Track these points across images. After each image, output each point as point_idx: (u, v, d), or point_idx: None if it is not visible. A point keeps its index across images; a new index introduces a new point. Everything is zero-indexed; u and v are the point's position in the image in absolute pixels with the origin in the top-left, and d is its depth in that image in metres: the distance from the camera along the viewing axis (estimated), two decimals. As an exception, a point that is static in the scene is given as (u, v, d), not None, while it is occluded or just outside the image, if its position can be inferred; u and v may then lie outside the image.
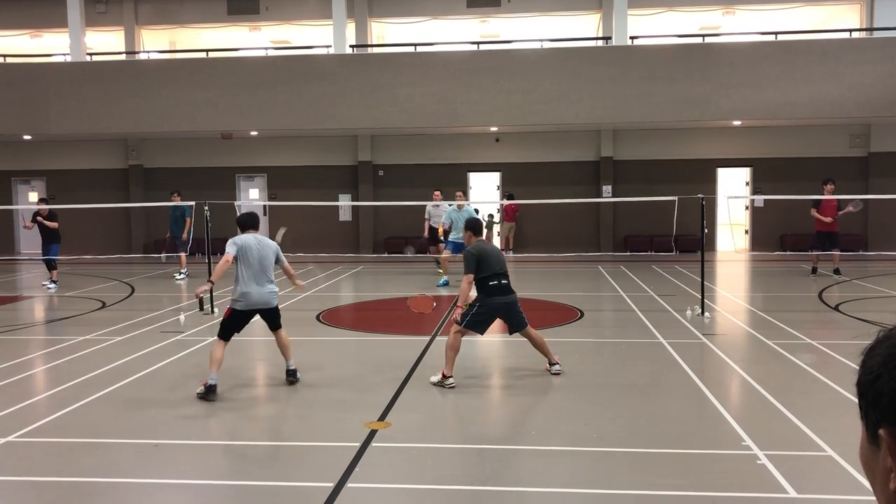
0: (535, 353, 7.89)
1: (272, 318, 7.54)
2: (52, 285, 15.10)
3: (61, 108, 19.68)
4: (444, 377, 7.38)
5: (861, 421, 1.04)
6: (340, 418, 6.44)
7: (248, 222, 7.70)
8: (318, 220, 21.88)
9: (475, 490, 4.97)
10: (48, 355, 9.16)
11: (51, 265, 15.34)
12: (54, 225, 15.32)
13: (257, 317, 7.55)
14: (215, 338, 7.39)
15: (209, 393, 6.94)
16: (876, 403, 0.99)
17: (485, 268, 7.46)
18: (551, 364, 7.83)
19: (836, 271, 15.35)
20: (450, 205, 15.40)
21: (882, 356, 0.99)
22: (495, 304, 7.49)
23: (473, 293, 7.62)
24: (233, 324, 7.38)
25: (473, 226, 7.88)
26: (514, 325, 7.69)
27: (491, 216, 21.25)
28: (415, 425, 6.27)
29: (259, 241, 7.48)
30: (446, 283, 14.56)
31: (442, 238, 15.39)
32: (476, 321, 7.49)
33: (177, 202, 15.96)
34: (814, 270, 15.52)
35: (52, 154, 22.78)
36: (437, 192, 16.60)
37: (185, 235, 16.11)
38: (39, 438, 6.01)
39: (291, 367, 7.64)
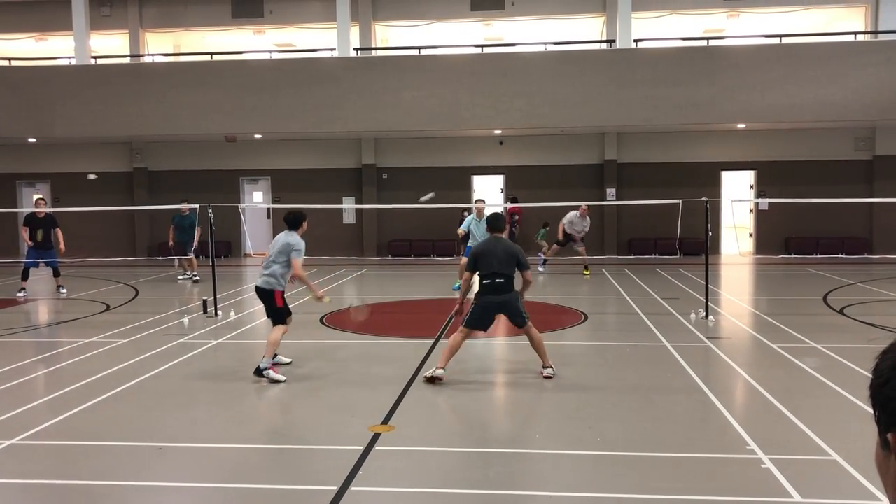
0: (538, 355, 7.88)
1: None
2: (23, 291, 14.46)
3: (66, 111, 19.72)
4: (437, 368, 7.63)
5: (875, 424, 1.02)
6: (344, 421, 6.44)
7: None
8: (322, 223, 21.86)
9: (479, 494, 4.96)
10: (52, 358, 9.17)
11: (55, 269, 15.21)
12: (60, 236, 14.76)
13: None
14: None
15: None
16: (885, 408, 0.97)
17: (481, 266, 7.72)
18: (544, 367, 7.86)
19: None
20: (468, 213, 15.01)
21: (892, 360, 0.98)
22: (485, 303, 7.74)
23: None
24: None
25: (489, 221, 8.13)
26: (513, 323, 7.90)
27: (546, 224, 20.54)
28: (418, 428, 6.26)
29: (282, 236, 8.31)
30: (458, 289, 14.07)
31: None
32: (472, 319, 7.79)
33: (187, 212, 15.92)
34: None
35: (56, 157, 22.82)
36: (584, 206, 16.62)
37: (196, 243, 16.12)
38: (43, 441, 6.01)
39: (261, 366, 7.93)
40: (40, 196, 15.93)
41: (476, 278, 7.92)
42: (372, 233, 22.07)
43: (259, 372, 7.77)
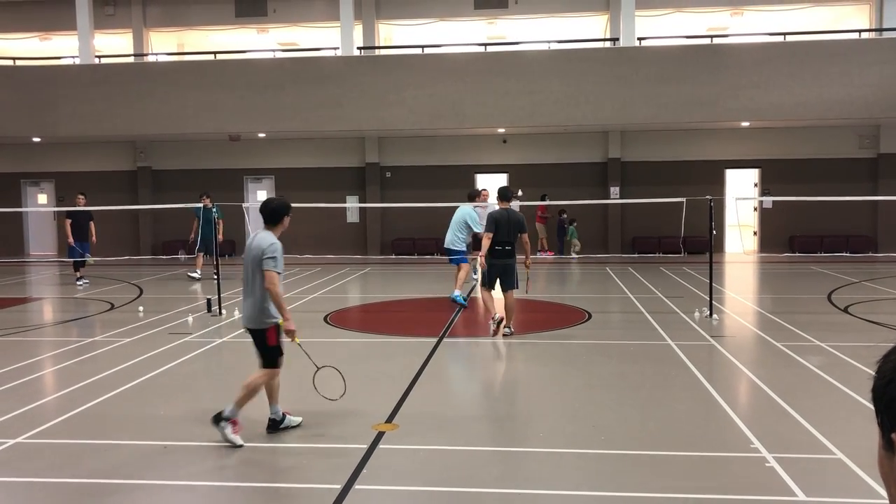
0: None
1: (257, 345, 6.05)
2: (83, 283, 15.89)
3: (70, 111, 19.76)
4: (493, 319, 9.55)
5: (878, 427, 1.03)
6: (348, 420, 6.44)
7: (262, 213, 6.09)
8: (326, 222, 21.89)
9: (482, 492, 4.97)
10: (57, 357, 9.19)
11: (81, 263, 16.03)
12: (93, 229, 16.17)
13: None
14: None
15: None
16: (890, 408, 0.98)
17: (497, 233, 9.28)
18: (505, 326, 9.44)
19: None
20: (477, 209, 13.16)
21: (895, 362, 0.98)
22: (494, 264, 9.45)
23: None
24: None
25: (500, 192, 9.74)
26: (504, 285, 9.51)
27: (573, 221, 20.96)
28: (422, 427, 6.27)
29: (252, 241, 6.04)
30: (465, 303, 12.22)
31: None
32: (486, 278, 9.59)
33: (207, 204, 15.77)
34: None
35: (60, 156, 22.87)
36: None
37: (220, 237, 15.59)
38: (48, 440, 6.03)
39: (274, 415, 6.17)
40: (81, 194, 16.43)
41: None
42: (375, 231, 22.07)
43: (217, 419, 5.79)
